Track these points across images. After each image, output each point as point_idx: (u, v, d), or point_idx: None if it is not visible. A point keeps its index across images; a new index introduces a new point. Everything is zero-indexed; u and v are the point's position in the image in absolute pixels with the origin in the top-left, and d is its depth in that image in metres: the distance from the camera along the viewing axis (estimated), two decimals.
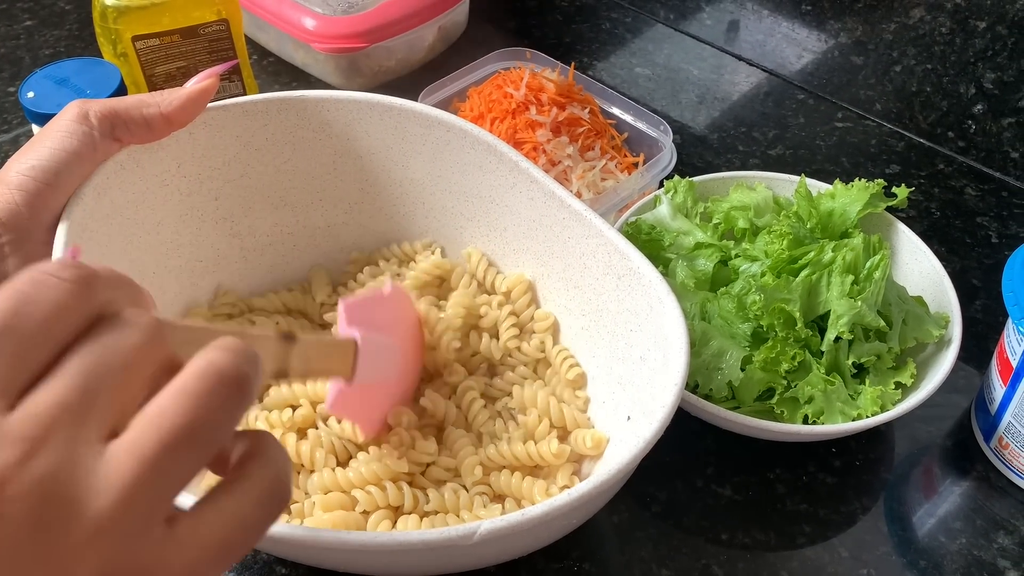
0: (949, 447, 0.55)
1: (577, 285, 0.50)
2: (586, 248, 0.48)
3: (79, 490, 0.20)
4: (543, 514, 0.35)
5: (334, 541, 0.34)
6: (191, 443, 0.21)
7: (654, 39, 0.88)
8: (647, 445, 0.38)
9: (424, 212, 0.55)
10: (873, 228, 0.58)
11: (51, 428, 0.20)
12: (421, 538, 0.34)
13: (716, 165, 0.74)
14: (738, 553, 0.49)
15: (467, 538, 0.34)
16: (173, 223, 0.50)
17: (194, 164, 0.50)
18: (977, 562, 0.49)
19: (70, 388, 0.21)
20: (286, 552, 0.42)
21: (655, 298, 0.44)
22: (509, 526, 0.35)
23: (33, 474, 0.20)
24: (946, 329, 0.52)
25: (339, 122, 0.52)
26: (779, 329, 0.50)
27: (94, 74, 0.58)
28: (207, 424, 0.22)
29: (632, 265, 0.45)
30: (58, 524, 0.20)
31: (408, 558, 0.37)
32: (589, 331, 0.50)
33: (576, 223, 0.48)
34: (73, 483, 0.20)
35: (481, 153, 0.51)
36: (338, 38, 0.74)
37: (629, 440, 0.43)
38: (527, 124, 0.66)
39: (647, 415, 0.42)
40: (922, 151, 0.76)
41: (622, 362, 0.47)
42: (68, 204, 0.43)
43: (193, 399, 0.21)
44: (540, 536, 0.41)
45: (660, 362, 0.43)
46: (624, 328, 0.47)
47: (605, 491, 0.38)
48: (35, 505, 0.19)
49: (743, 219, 0.57)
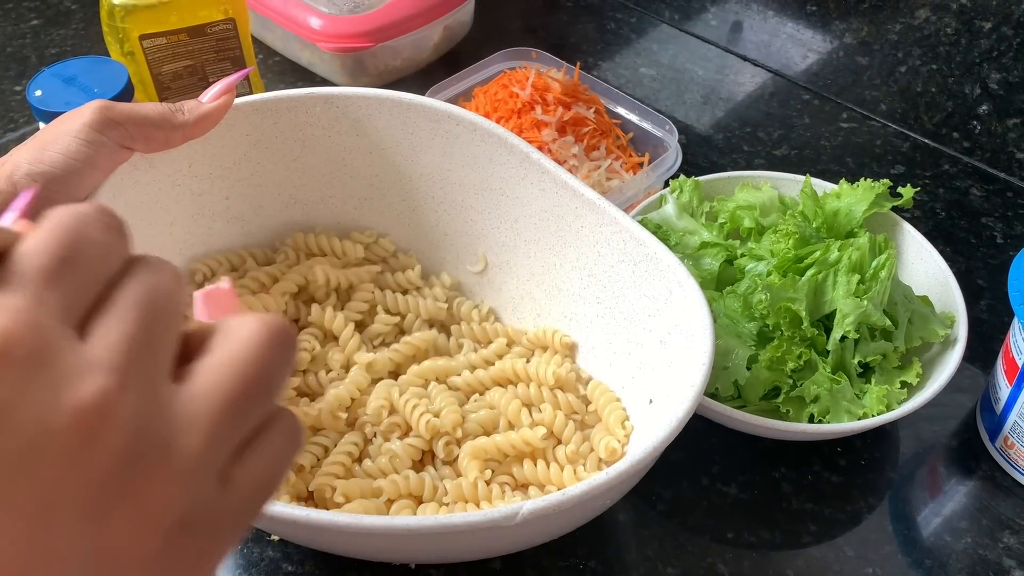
0: (954, 446, 0.55)
1: (592, 273, 0.50)
2: (600, 236, 0.49)
3: (167, 428, 0.20)
4: (583, 493, 0.36)
5: (381, 527, 0.34)
6: (263, 390, 0.22)
7: (659, 39, 0.88)
8: (679, 424, 0.39)
9: (434, 206, 0.55)
10: (878, 228, 0.58)
11: (130, 361, 0.20)
12: (465, 520, 0.35)
13: (721, 165, 0.74)
14: (744, 552, 0.49)
15: (510, 519, 0.35)
16: (185, 223, 0.51)
17: (205, 164, 0.50)
18: (982, 561, 0.49)
19: (133, 323, 0.20)
20: (321, 540, 0.42)
21: (674, 282, 0.45)
22: (551, 506, 0.35)
23: (128, 406, 0.19)
24: (952, 329, 0.52)
25: (348, 118, 0.52)
26: (785, 328, 0.50)
27: (101, 73, 0.58)
28: (275, 373, 0.22)
29: (649, 251, 0.46)
30: (150, 460, 0.19)
31: (447, 541, 0.38)
32: (605, 318, 0.50)
33: (589, 212, 0.48)
34: (161, 420, 0.20)
35: (491, 146, 0.51)
36: (344, 37, 0.74)
37: (655, 422, 0.44)
38: (532, 124, 0.66)
39: (671, 396, 0.43)
40: (927, 151, 0.76)
41: (640, 347, 0.48)
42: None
43: (262, 349, 0.22)
44: (576, 517, 0.42)
45: (682, 344, 0.44)
46: (642, 313, 0.47)
47: (640, 470, 0.38)
48: (130, 439, 0.19)
49: (749, 218, 0.57)
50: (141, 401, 0.19)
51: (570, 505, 0.36)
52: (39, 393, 0.18)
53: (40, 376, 0.18)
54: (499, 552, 0.44)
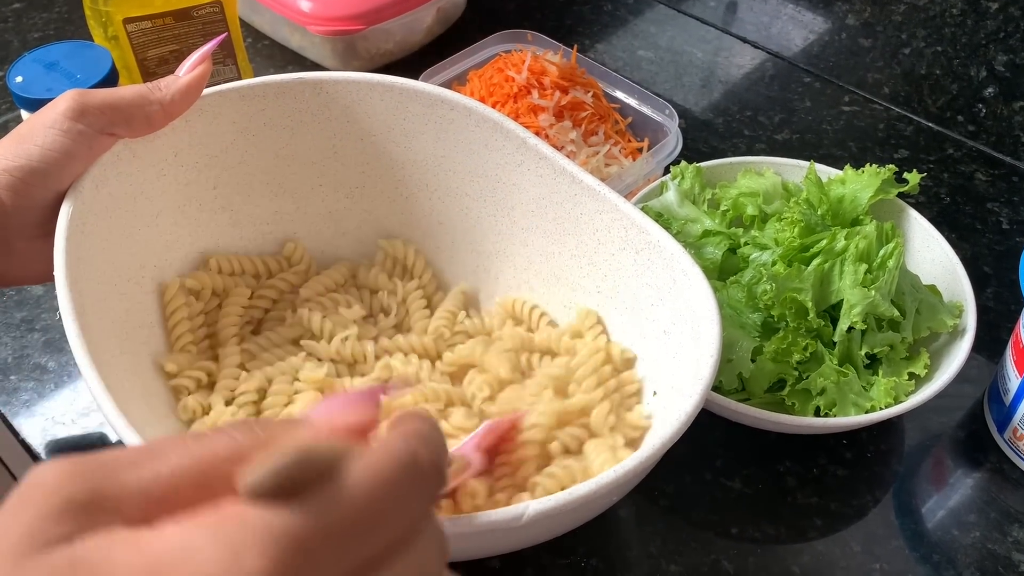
0: (961, 438, 0.54)
1: (592, 262, 0.49)
2: (600, 224, 0.47)
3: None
4: (591, 492, 0.35)
5: None
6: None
7: (656, 20, 0.86)
8: (688, 418, 0.37)
9: (428, 194, 0.54)
10: (884, 215, 0.57)
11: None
12: (470, 522, 0.34)
13: (722, 150, 0.73)
14: (748, 547, 0.48)
15: (516, 520, 0.34)
16: (172, 214, 0.49)
17: (191, 152, 0.48)
18: (991, 556, 0.48)
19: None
20: None
21: (679, 271, 0.43)
22: (557, 506, 0.34)
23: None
24: (960, 318, 0.51)
25: (338, 104, 0.51)
26: (790, 319, 0.48)
27: (84, 58, 0.56)
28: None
29: (651, 238, 0.45)
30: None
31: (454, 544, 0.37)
32: (605, 308, 0.49)
33: (589, 198, 0.47)
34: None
35: (486, 131, 0.50)
36: (335, 20, 0.72)
37: (662, 415, 0.43)
38: (529, 108, 0.64)
39: (677, 389, 0.41)
40: (931, 135, 0.75)
41: (643, 338, 0.46)
42: (66, 199, 0.41)
43: None
44: (581, 515, 0.41)
45: (688, 335, 0.42)
46: (645, 303, 0.46)
47: (649, 465, 0.37)
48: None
49: (752, 206, 0.56)
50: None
51: (577, 504, 0.35)
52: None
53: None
54: (499, 551, 0.43)
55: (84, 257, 0.42)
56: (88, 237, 0.42)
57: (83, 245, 0.42)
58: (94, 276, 0.43)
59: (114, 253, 0.45)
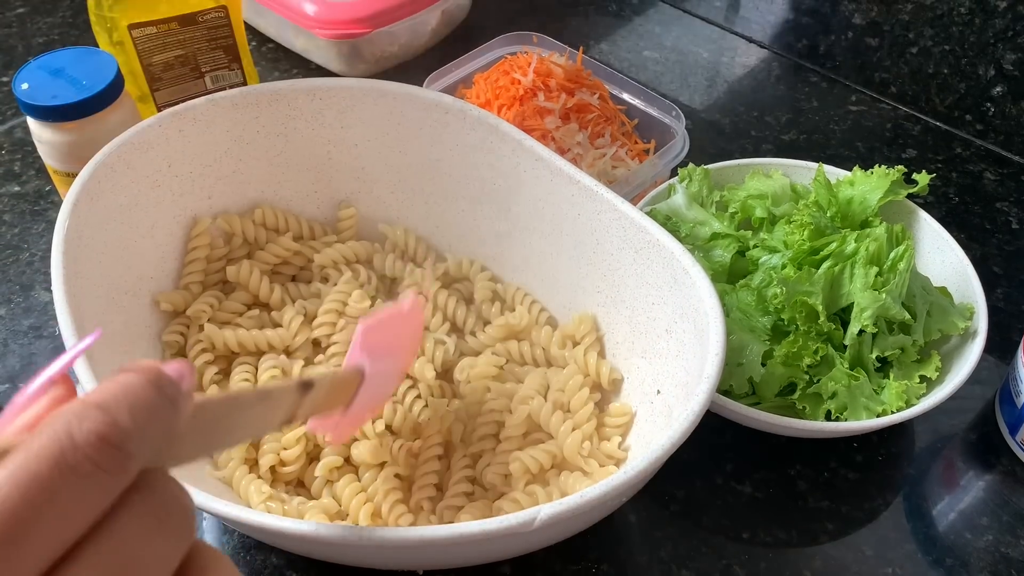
0: (973, 440, 0.53)
1: (591, 262, 0.49)
2: (598, 224, 0.47)
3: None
4: (602, 495, 0.35)
5: (393, 539, 0.33)
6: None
7: (661, 21, 0.86)
8: (696, 417, 0.37)
9: (424, 198, 0.54)
10: (893, 216, 0.56)
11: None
12: (481, 528, 0.33)
13: (729, 151, 0.72)
14: (760, 552, 0.48)
15: (527, 525, 0.34)
16: (167, 225, 0.49)
17: (185, 163, 0.48)
18: (1005, 559, 0.47)
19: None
20: (327, 552, 0.41)
21: (680, 270, 0.43)
22: (568, 510, 0.34)
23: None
24: (971, 320, 0.51)
25: (332, 111, 0.51)
26: (801, 323, 0.48)
27: (90, 64, 0.56)
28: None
29: (651, 238, 0.44)
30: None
31: (460, 550, 0.37)
32: (605, 307, 0.49)
33: (587, 199, 0.47)
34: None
35: (482, 134, 0.49)
36: (339, 23, 0.72)
37: (668, 415, 0.43)
38: (535, 111, 0.64)
39: (681, 387, 0.41)
40: (939, 135, 0.74)
41: (644, 336, 0.46)
42: (61, 214, 0.42)
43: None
44: (590, 518, 0.41)
45: (690, 334, 0.42)
46: (645, 302, 0.46)
47: (657, 466, 0.37)
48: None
49: (760, 208, 0.56)
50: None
51: (588, 508, 0.35)
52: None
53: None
54: (509, 555, 0.43)
55: (81, 272, 0.42)
56: (84, 251, 0.42)
57: (80, 259, 0.42)
58: (92, 290, 0.43)
59: (111, 266, 0.45)
